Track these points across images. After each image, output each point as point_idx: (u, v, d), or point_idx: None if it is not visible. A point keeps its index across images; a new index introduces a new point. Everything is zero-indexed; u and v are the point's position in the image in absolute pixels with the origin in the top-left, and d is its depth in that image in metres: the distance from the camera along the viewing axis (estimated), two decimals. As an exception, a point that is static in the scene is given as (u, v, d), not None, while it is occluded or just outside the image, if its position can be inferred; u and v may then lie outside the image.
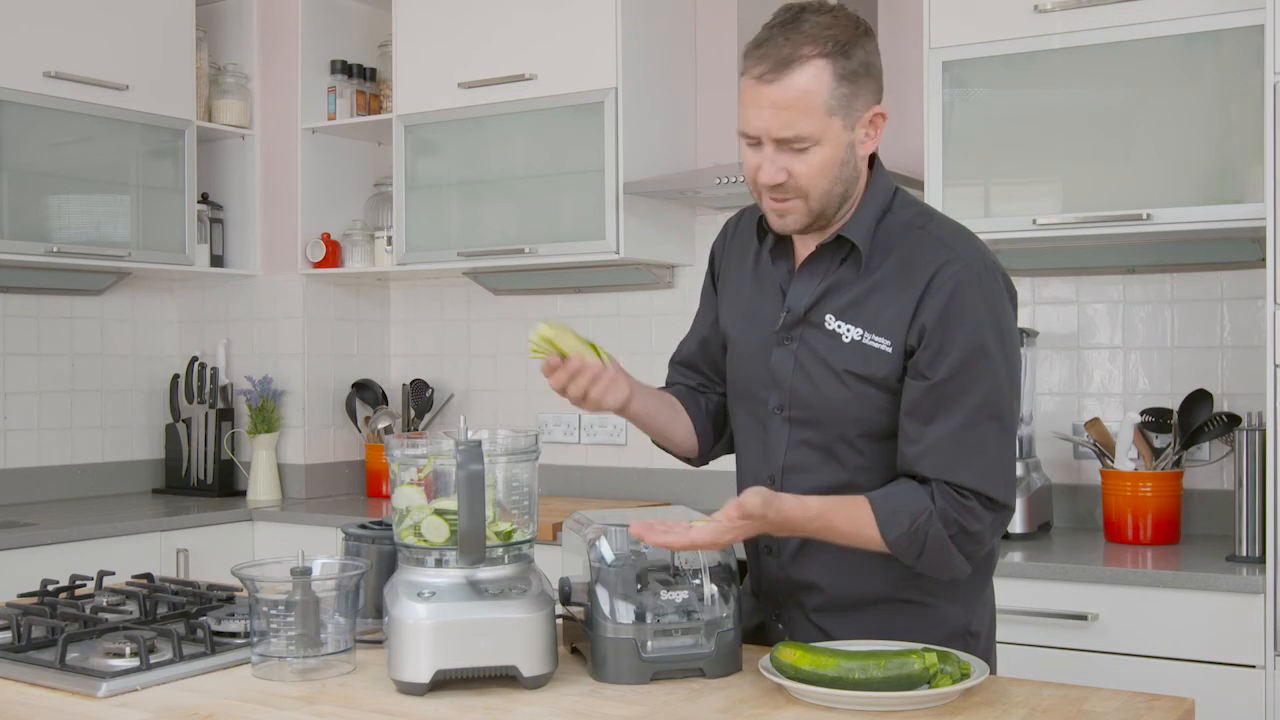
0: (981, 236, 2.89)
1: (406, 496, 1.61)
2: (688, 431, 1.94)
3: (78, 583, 2.10)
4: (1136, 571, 2.53)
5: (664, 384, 2.03)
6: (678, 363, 2.03)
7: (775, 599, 1.84)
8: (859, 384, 1.69)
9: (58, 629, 1.77)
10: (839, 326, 1.70)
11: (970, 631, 1.77)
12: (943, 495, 1.63)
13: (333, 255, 4.01)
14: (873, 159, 1.76)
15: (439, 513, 1.59)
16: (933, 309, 1.64)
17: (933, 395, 1.64)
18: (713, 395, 1.98)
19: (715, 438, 1.97)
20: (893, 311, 1.67)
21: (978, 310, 1.64)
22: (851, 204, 1.72)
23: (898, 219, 1.73)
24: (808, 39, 1.61)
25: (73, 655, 1.70)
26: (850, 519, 1.64)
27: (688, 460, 2.00)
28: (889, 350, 1.67)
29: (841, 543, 1.66)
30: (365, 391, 4.13)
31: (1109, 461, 2.91)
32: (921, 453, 1.65)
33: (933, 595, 1.74)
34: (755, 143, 1.66)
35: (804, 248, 1.78)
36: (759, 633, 1.86)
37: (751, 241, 1.85)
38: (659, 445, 1.97)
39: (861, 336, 1.69)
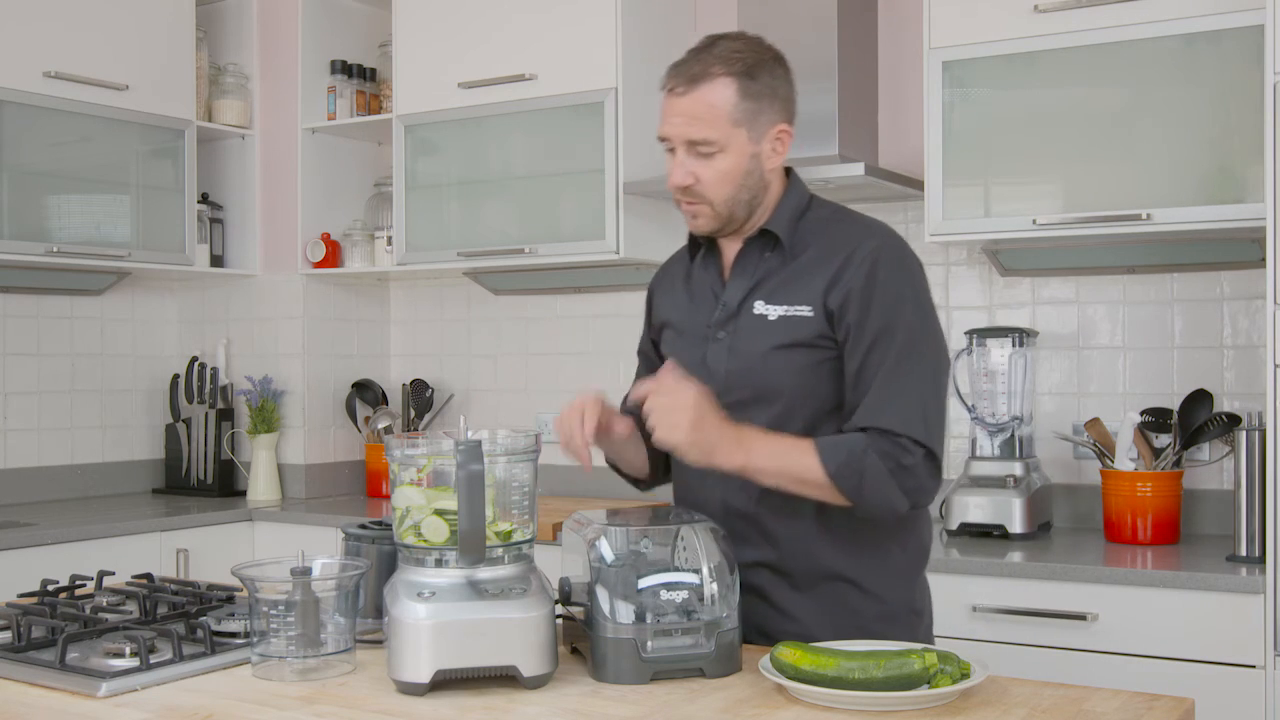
0: (981, 236, 2.97)
1: (406, 496, 1.61)
2: (640, 453, 2.02)
3: (78, 583, 2.10)
4: (1136, 571, 2.54)
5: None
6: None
7: None
8: (785, 352, 1.82)
9: (58, 629, 1.77)
10: (767, 310, 1.84)
11: (915, 610, 1.89)
12: (877, 435, 1.74)
13: (333, 255, 4.01)
14: (790, 172, 1.93)
15: (439, 513, 1.59)
16: (855, 278, 1.78)
17: (859, 357, 1.78)
18: None
19: (666, 465, 2.07)
20: (814, 285, 1.82)
21: (896, 278, 1.80)
22: (768, 207, 1.88)
23: (816, 216, 1.90)
24: (717, 60, 1.80)
25: (73, 655, 1.70)
26: (795, 446, 1.75)
27: (635, 483, 2.10)
28: (810, 315, 1.81)
29: (782, 473, 1.75)
30: (365, 391, 4.13)
31: (1109, 461, 2.91)
32: (860, 411, 1.77)
33: (877, 577, 1.85)
34: (671, 149, 1.84)
35: (731, 250, 1.92)
36: None
37: (682, 266, 2.02)
38: (610, 465, 2.06)
39: (786, 311, 1.83)
